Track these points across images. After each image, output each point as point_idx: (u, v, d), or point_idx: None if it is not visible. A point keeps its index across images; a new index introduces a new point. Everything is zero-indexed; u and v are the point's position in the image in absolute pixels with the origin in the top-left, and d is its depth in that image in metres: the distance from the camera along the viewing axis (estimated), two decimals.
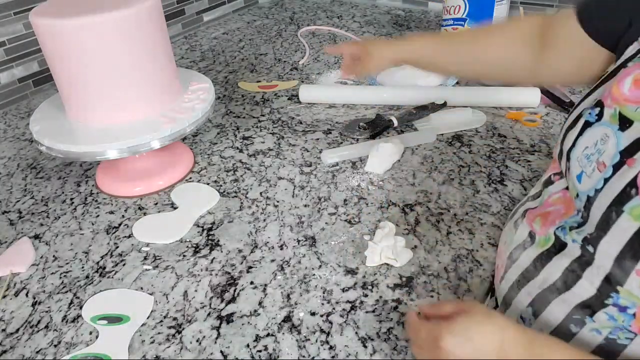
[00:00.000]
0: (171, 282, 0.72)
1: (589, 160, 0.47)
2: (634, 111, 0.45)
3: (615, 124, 0.46)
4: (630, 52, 0.50)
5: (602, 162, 0.45)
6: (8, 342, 0.65)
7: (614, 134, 0.45)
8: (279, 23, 1.65)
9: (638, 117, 0.44)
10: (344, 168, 0.93)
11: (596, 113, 0.49)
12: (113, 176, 0.92)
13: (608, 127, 0.46)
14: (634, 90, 0.46)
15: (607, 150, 0.45)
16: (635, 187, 0.41)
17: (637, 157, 0.42)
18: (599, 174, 0.45)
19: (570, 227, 0.47)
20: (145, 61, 0.83)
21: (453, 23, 1.21)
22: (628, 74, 0.47)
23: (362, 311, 0.65)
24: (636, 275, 0.40)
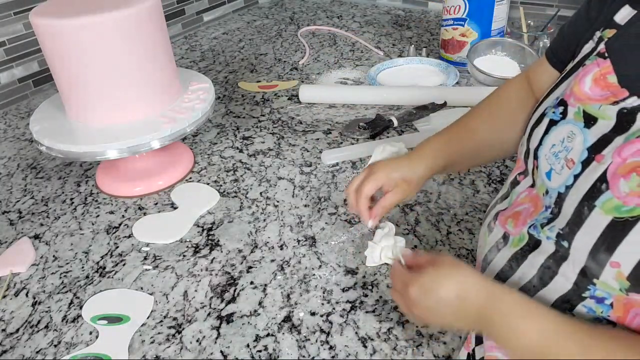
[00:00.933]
0: (171, 282, 0.72)
1: (557, 157, 0.48)
2: (597, 109, 0.46)
3: (581, 121, 0.47)
4: (586, 50, 0.52)
5: (570, 159, 0.46)
6: (8, 342, 0.65)
7: (580, 132, 0.47)
8: (279, 23, 1.65)
9: (601, 114, 0.46)
10: (344, 168, 0.93)
11: (560, 112, 0.50)
12: (113, 176, 0.93)
13: (574, 125, 0.48)
14: (594, 89, 0.48)
15: (575, 148, 0.47)
16: (605, 182, 0.42)
17: (605, 152, 0.44)
18: (569, 170, 0.46)
19: (541, 224, 0.49)
20: (145, 61, 0.83)
21: (453, 23, 1.21)
22: (587, 73, 0.49)
23: (362, 311, 0.65)
24: (610, 267, 0.42)
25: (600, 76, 0.47)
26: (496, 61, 1.18)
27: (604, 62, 0.48)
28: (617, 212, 0.41)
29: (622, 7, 0.49)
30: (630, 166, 0.41)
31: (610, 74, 0.47)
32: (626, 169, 0.41)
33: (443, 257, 0.52)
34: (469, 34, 1.21)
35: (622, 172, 0.42)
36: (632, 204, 0.40)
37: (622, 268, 0.41)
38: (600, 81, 0.47)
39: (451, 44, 1.25)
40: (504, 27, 1.23)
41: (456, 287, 0.48)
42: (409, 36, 1.47)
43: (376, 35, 1.48)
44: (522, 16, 1.25)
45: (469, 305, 0.48)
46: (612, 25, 0.50)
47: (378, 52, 1.37)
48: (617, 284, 0.42)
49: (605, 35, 0.49)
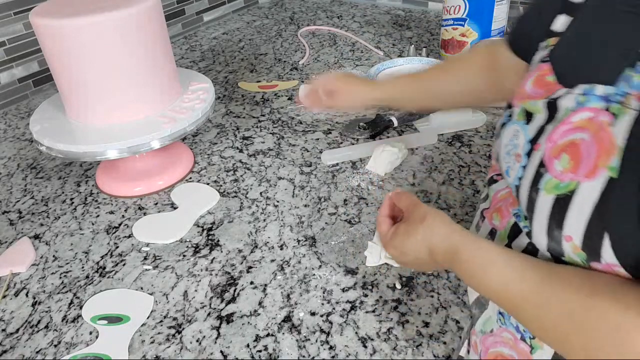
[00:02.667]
0: (171, 282, 0.72)
1: (509, 155, 0.53)
2: (534, 105, 0.51)
3: (522, 120, 0.52)
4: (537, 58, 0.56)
5: (517, 154, 0.51)
6: (8, 342, 0.65)
7: (522, 128, 0.52)
8: (279, 23, 1.65)
9: (536, 109, 0.50)
10: (344, 168, 0.93)
11: (508, 114, 0.55)
12: (113, 176, 0.93)
13: (517, 124, 0.53)
14: (533, 88, 0.52)
15: (519, 143, 0.52)
16: (543, 166, 0.47)
17: (541, 141, 0.48)
18: (518, 164, 0.51)
19: (524, 215, 0.52)
20: (145, 61, 0.83)
21: (453, 23, 1.21)
22: (529, 77, 0.54)
23: (362, 311, 0.65)
24: (566, 242, 0.45)
25: (540, 77, 0.52)
26: None
27: (544, 66, 0.53)
28: (557, 190, 0.45)
29: (557, 16, 0.54)
30: (559, 147, 0.46)
31: (549, 75, 0.51)
32: (556, 150, 0.46)
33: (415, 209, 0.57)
34: (469, 34, 1.21)
35: (554, 154, 0.46)
36: (567, 180, 0.44)
37: (575, 240, 0.44)
38: (539, 81, 0.52)
39: (451, 44, 1.25)
40: (504, 27, 1.23)
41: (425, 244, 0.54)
42: (409, 36, 1.47)
43: (376, 35, 1.48)
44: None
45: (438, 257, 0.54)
46: (552, 34, 0.54)
47: (378, 52, 1.37)
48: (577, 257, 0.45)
49: (550, 44, 0.54)
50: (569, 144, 0.45)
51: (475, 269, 0.50)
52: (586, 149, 0.44)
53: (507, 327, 0.54)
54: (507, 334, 0.55)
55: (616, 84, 0.43)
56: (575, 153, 0.44)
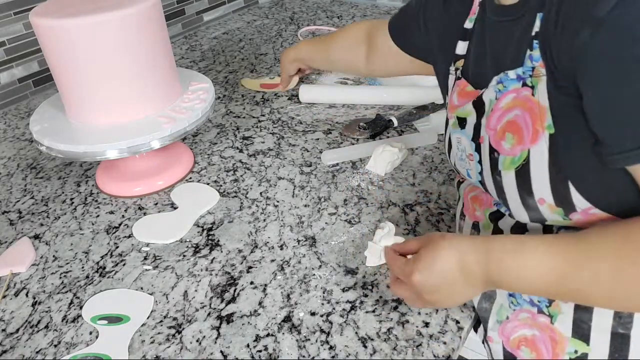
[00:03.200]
0: (171, 282, 0.72)
1: (462, 160, 0.60)
2: (464, 110, 0.59)
3: (458, 128, 0.60)
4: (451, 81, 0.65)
5: (469, 154, 0.58)
6: (8, 342, 0.65)
7: (461, 133, 0.59)
8: (279, 23, 1.65)
9: (467, 113, 0.58)
10: (344, 168, 0.93)
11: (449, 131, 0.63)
12: (113, 176, 0.93)
13: (456, 133, 0.60)
14: (459, 99, 0.60)
15: (465, 145, 0.59)
16: (495, 151, 0.53)
17: (482, 133, 0.55)
18: (473, 162, 0.57)
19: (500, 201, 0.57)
20: (145, 61, 0.83)
21: None
22: (454, 92, 0.62)
23: (362, 311, 0.65)
24: (540, 205, 0.50)
25: (462, 89, 0.61)
26: None
27: (461, 82, 0.61)
28: (513, 164, 0.51)
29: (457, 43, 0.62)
30: (501, 130, 0.52)
31: (468, 86, 0.60)
32: (499, 134, 0.52)
33: (430, 236, 0.54)
34: None
35: (499, 137, 0.52)
36: (519, 152, 0.50)
37: (547, 200, 0.49)
38: (462, 92, 0.60)
39: None
40: None
41: (455, 259, 0.50)
42: None
43: None
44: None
45: (472, 273, 0.50)
46: (458, 57, 0.63)
47: None
48: (556, 215, 0.49)
49: (459, 65, 0.63)
50: (507, 124, 0.51)
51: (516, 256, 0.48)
52: (523, 121, 0.50)
53: (522, 307, 0.56)
54: (523, 314, 0.57)
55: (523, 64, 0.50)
56: (516, 128, 0.50)
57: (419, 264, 0.52)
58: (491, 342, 0.62)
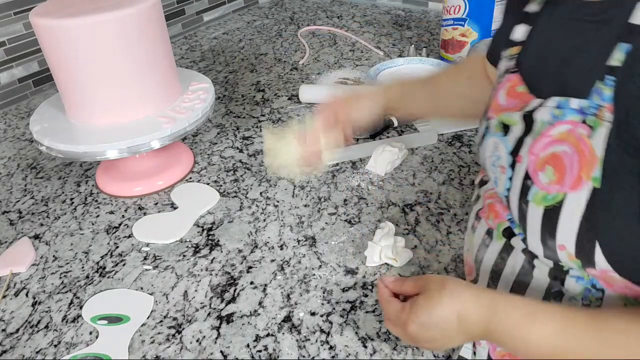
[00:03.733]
0: (171, 282, 0.72)
1: (494, 167, 0.54)
2: (509, 117, 0.52)
3: (500, 132, 0.53)
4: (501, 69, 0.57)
5: (501, 166, 0.52)
6: (8, 342, 0.65)
7: (501, 141, 0.53)
8: (279, 23, 1.65)
9: (513, 121, 0.51)
10: (344, 168, 0.93)
11: (486, 126, 0.56)
12: (113, 176, 0.93)
13: (495, 136, 0.54)
14: (507, 99, 0.53)
15: (501, 155, 0.52)
16: (529, 179, 0.48)
17: (522, 153, 0.49)
18: (504, 176, 0.52)
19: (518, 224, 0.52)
20: (145, 61, 0.83)
21: (453, 23, 1.21)
22: (501, 88, 0.55)
23: (362, 311, 0.65)
24: (560, 250, 0.46)
25: (511, 88, 0.53)
26: None
27: (513, 77, 0.54)
28: (545, 201, 0.46)
29: (516, 26, 0.55)
30: (542, 160, 0.47)
31: (520, 85, 0.52)
32: (540, 163, 0.47)
33: (429, 280, 0.51)
34: (469, 34, 1.21)
35: (538, 167, 0.47)
36: (554, 192, 0.45)
37: (568, 249, 0.45)
38: (512, 92, 0.53)
39: (451, 44, 1.25)
40: None
41: (454, 310, 0.47)
42: (409, 36, 1.47)
43: (376, 35, 1.48)
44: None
45: (471, 324, 0.47)
46: (513, 43, 0.56)
47: (378, 52, 1.37)
48: (573, 264, 0.46)
49: (512, 53, 0.55)
50: (552, 157, 0.46)
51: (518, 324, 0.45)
52: (569, 161, 0.44)
53: None
54: None
55: (589, 97, 0.44)
56: (559, 165, 0.45)
57: (415, 315, 0.49)
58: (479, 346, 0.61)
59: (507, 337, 0.46)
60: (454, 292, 0.48)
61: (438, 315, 0.48)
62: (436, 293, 0.48)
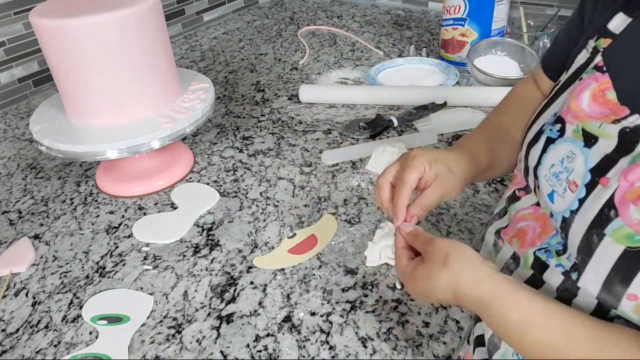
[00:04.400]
0: (171, 282, 0.72)
1: (558, 179, 0.45)
2: (597, 128, 0.43)
3: (580, 140, 0.44)
4: (580, 60, 0.49)
5: (572, 182, 0.43)
6: (8, 342, 0.65)
7: (581, 151, 0.44)
8: (279, 23, 1.65)
9: (602, 133, 0.43)
10: (344, 168, 0.93)
11: (557, 129, 0.47)
12: (113, 176, 0.93)
13: (573, 144, 0.45)
14: (593, 106, 0.45)
15: (576, 169, 0.44)
16: (613, 208, 0.39)
17: (610, 175, 0.41)
18: (572, 194, 0.43)
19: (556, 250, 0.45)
20: (145, 61, 0.83)
21: (453, 23, 1.21)
22: (584, 88, 0.46)
23: (362, 311, 0.65)
24: (627, 299, 0.39)
25: (599, 92, 0.45)
26: (496, 61, 1.17)
27: (602, 77, 0.45)
28: (629, 241, 0.38)
29: (615, 15, 0.47)
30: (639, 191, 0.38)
31: (610, 89, 0.44)
32: (635, 193, 0.38)
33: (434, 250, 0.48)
34: (469, 34, 1.21)
35: (631, 198, 0.39)
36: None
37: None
38: (599, 97, 0.44)
39: (451, 44, 1.25)
40: (504, 27, 1.23)
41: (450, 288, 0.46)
42: (409, 36, 1.47)
43: (376, 35, 1.48)
44: (522, 16, 1.25)
45: (465, 303, 0.46)
46: (607, 34, 0.47)
47: (378, 52, 1.37)
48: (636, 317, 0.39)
49: (601, 45, 0.47)
50: None
51: (511, 326, 0.42)
52: None
53: None
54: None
55: None
56: None
57: (414, 281, 0.48)
58: None
59: (498, 331, 0.44)
60: (455, 271, 0.45)
61: (436, 288, 0.46)
62: (437, 267, 0.46)
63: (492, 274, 0.45)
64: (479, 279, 0.44)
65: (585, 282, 0.41)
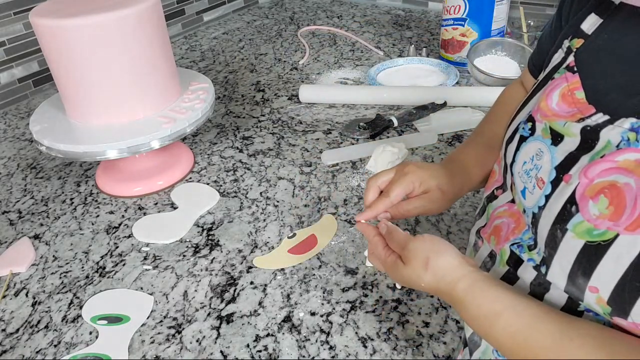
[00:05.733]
0: (171, 282, 0.72)
1: (528, 176, 0.47)
2: (562, 126, 0.45)
3: (548, 138, 0.46)
4: (555, 60, 0.50)
5: (540, 178, 0.45)
6: (8, 342, 0.65)
7: (548, 149, 0.45)
8: (279, 23, 1.65)
9: (567, 131, 0.44)
10: (344, 168, 0.93)
11: (529, 127, 0.49)
12: (113, 176, 0.93)
13: (541, 142, 0.46)
14: (561, 105, 0.46)
15: (544, 166, 0.45)
16: (574, 204, 0.41)
17: (572, 172, 0.42)
18: (540, 190, 0.45)
19: (528, 245, 0.47)
20: (145, 61, 0.83)
21: (453, 23, 1.21)
22: (555, 88, 0.47)
23: (362, 311, 0.65)
24: (590, 292, 0.40)
25: (568, 92, 0.46)
26: (496, 61, 1.18)
27: (572, 77, 0.46)
28: (589, 235, 0.39)
29: (588, 15, 0.48)
30: (597, 187, 0.40)
31: (579, 89, 0.45)
32: (594, 190, 0.40)
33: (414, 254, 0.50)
34: (469, 34, 1.21)
35: (590, 194, 0.40)
36: (603, 227, 0.39)
37: (601, 293, 0.39)
38: (568, 97, 0.46)
39: (451, 44, 1.25)
40: (504, 27, 1.23)
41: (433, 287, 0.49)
42: (409, 36, 1.47)
43: (376, 35, 1.48)
44: (522, 16, 1.25)
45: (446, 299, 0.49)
46: (580, 34, 0.48)
47: (378, 52, 1.37)
48: (599, 308, 0.40)
49: (574, 45, 0.48)
50: (610, 186, 0.39)
51: (481, 319, 0.45)
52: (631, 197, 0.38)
53: None
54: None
55: None
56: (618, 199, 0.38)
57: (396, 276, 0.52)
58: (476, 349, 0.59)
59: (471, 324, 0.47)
60: (436, 273, 0.48)
61: (419, 285, 0.50)
62: (419, 271, 0.49)
63: (469, 273, 0.47)
64: (457, 278, 0.47)
65: (553, 276, 0.43)
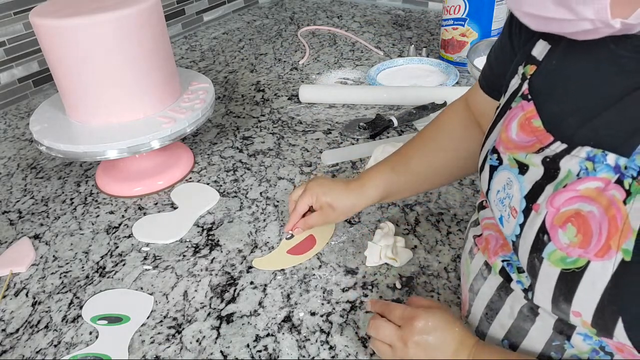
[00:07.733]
0: (171, 282, 0.72)
1: (503, 204, 0.47)
2: (524, 158, 0.45)
3: (515, 167, 0.46)
4: (513, 86, 0.50)
5: (513, 208, 0.46)
6: (8, 342, 0.65)
7: (516, 179, 0.46)
8: (279, 23, 1.65)
9: (530, 162, 0.44)
10: (343, 168, 0.93)
11: (496, 158, 0.49)
12: (113, 176, 0.93)
13: (509, 172, 0.47)
14: (521, 135, 0.46)
15: (514, 195, 0.45)
16: (546, 233, 0.41)
17: (540, 201, 0.43)
18: (514, 220, 0.45)
19: (517, 267, 0.48)
20: (145, 61, 0.83)
21: (453, 23, 1.21)
22: (513, 118, 0.47)
23: (362, 311, 0.65)
24: (574, 316, 0.41)
25: (525, 121, 0.46)
26: None
27: (528, 105, 0.46)
28: (563, 263, 0.40)
29: (538, 41, 0.48)
30: (564, 216, 0.40)
31: (535, 117, 0.45)
32: (561, 219, 0.41)
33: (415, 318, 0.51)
34: (469, 34, 1.21)
35: (558, 223, 0.41)
36: (575, 255, 0.39)
37: (584, 317, 0.40)
38: (526, 126, 0.46)
39: (451, 44, 1.25)
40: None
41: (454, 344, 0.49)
42: (409, 36, 1.47)
43: (376, 35, 1.48)
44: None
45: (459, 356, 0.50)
46: (532, 60, 0.48)
47: (378, 52, 1.37)
48: (586, 330, 0.41)
49: (528, 72, 0.48)
50: (575, 214, 0.40)
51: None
52: (596, 224, 0.38)
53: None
54: None
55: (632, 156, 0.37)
56: (584, 227, 0.39)
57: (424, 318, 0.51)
58: None
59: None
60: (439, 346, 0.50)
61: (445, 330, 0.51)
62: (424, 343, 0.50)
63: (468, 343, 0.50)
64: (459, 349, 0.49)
65: (539, 301, 0.44)
